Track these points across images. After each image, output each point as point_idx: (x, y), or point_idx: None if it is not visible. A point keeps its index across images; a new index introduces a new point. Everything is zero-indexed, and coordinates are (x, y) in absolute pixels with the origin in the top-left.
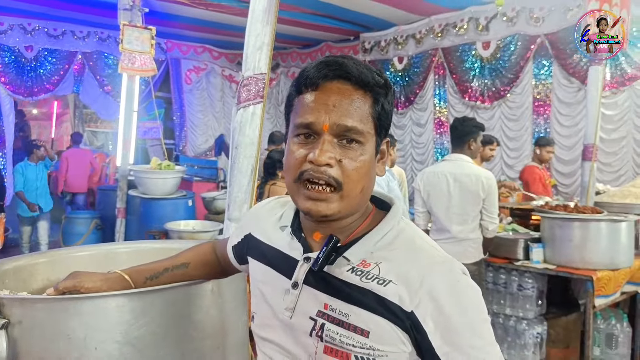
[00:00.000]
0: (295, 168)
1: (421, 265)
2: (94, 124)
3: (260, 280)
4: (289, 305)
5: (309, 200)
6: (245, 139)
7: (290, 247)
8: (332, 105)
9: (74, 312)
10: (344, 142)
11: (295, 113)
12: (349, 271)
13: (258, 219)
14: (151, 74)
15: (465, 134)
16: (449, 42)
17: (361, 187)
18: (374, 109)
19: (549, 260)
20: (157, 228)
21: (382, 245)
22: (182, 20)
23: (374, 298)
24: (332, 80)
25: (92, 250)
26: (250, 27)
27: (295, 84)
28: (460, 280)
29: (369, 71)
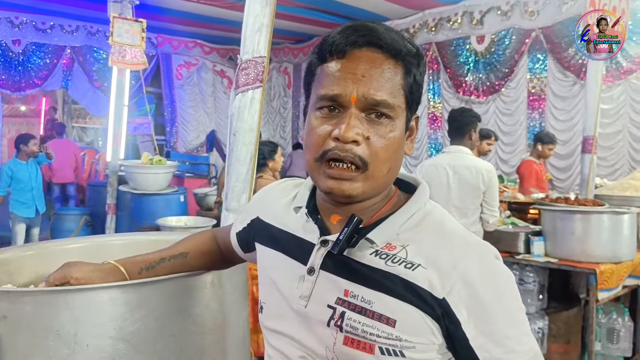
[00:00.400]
0: (317, 146)
1: (453, 248)
2: (82, 119)
3: (270, 266)
4: (303, 292)
5: (331, 179)
6: (244, 125)
7: (305, 229)
8: (361, 76)
9: (63, 305)
10: (372, 117)
11: (319, 83)
12: (372, 254)
13: (268, 201)
14: (142, 67)
15: (465, 125)
16: (443, 37)
17: (388, 168)
18: (405, 81)
19: (550, 253)
20: (148, 224)
21: (409, 226)
22: (173, 14)
23: (401, 283)
24: (361, 47)
25: (83, 243)
26: (249, 7)
27: (317, 51)
28: (495, 264)
29: (401, 38)
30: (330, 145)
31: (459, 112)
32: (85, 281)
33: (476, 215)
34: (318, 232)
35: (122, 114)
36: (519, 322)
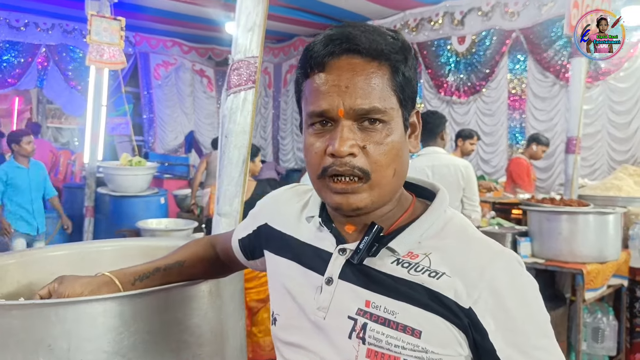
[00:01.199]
0: (316, 164)
1: (479, 256)
2: (58, 120)
3: (283, 275)
4: (322, 304)
5: (337, 194)
6: (237, 127)
7: (319, 238)
8: (345, 87)
9: (55, 319)
10: (365, 125)
11: (306, 100)
12: (393, 263)
13: (277, 207)
14: (120, 66)
15: (437, 126)
16: (424, 37)
17: (393, 171)
18: (394, 81)
19: (537, 254)
20: (127, 227)
21: (431, 234)
22: (151, 13)
23: (426, 292)
24: (339, 56)
25: (70, 250)
26: (241, 5)
27: (300, 65)
28: (521, 273)
29: (381, 36)
30: (328, 162)
31: (428, 115)
32: (75, 296)
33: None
34: (334, 240)
35: (100, 114)
36: (547, 333)
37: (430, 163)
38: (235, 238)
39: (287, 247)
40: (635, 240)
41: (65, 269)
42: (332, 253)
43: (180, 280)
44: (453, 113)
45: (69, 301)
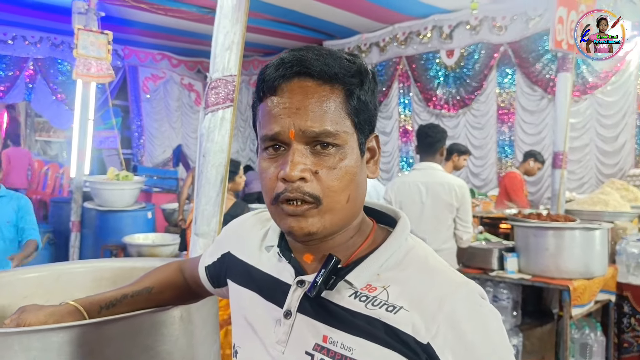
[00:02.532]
0: (270, 190)
1: (438, 288)
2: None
3: (244, 307)
4: (281, 337)
5: (289, 217)
6: (214, 146)
7: (279, 269)
8: (296, 109)
9: (18, 348)
10: (318, 149)
11: (259, 124)
12: (351, 297)
13: (239, 235)
14: (108, 80)
15: (438, 141)
16: (413, 50)
17: (347, 197)
18: (347, 104)
19: (524, 270)
20: (114, 242)
21: (390, 265)
22: (139, 26)
23: (383, 328)
24: (291, 79)
25: (42, 272)
26: (219, 24)
27: (255, 89)
28: (482, 304)
29: (336, 60)
30: (280, 188)
31: (429, 128)
32: (42, 324)
33: (450, 231)
34: (293, 271)
35: (87, 128)
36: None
37: (424, 179)
38: (201, 265)
39: (249, 278)
40: (622, 256)
41: (38, 291)
42: (291, 285)
43: (149, 306)
44: (442, 126)
45: (34, 329)
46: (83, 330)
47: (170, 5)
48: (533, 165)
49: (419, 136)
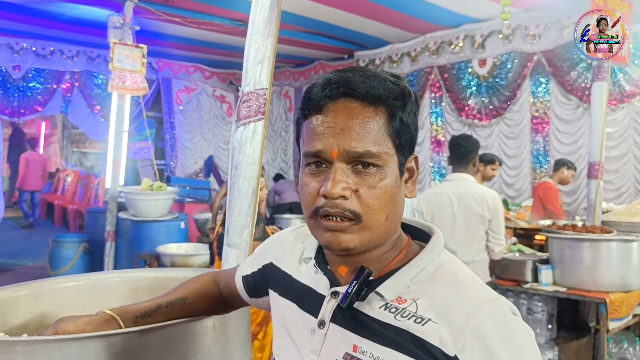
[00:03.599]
0: (309, 204)
1: (466, 303)
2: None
3: (284, 317)
4: (314, 347)
5: (328, 231)
6: (246, 159)
7: (315, 280)
8: (340, 129)
9: (58, 355)
10: (359, 168)
11: (303, 140)
12: (381, 308)
13: (282, 247)
14: (142, 93)
15: (471, 151)
16: (445, 60)
17: (385, 216)
18: (390, 126)
19: (559, 282)
20: (148, 252)
21: (421, 279)
22: (173, 39)
23: (411, 339)
24: (336, 99)
25: (79, 281)
26: (250, 39)
27: (300, 106)
28: (511, 320)
29: (380, 82)
30: (320, 202)
31: (462, 139)
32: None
33: (482, 243)
34: (328, 282)
35: (122, 140)
36: None
37: (456, 190)
38: (239, 275)
39: (289, 288)
40: None
41: (76, 300)
42: (326, 296)
43: (183, 316)
44: (475, 136)
45: (73, 337)
46: (120, 338)
47: (203, 19)
48: (567, 173)
49: (451, 147)
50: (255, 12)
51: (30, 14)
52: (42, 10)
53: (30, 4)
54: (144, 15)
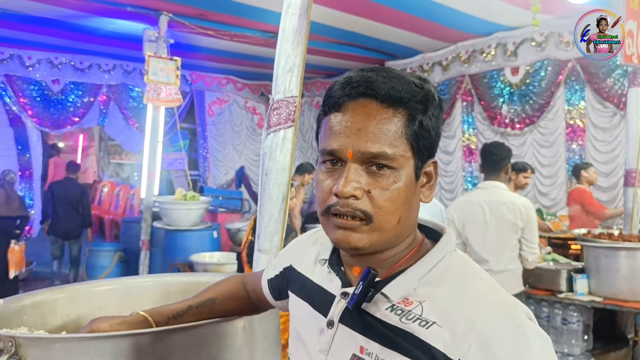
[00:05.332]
0: (322, 201)
1: (472, 306)
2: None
3: (296, 317)
4: (323, 346)
5: (338, 229)
6: (276, 165)
7: (328, 280)
8: (356, 129)
9: (94, 353)
10: (373, 169)
11: (321, 137)
12: (387, 309)
13: (302, 250)
14: (176, 104)
15: (503, 159)
16: (477, 69)
17: (397, 218)
18: (408, 129)
19: (595, 292)
20: (181, 260)
21: (428, 280)
22: (206, 52)
23: (415, 342)
24: (356, 99)
25: (114, 285)
26: (280, 48)
27: (322, 103)
28: (521, 325)
29: (403, 84)
30: (332, 201)
31: (494, 147)
32: (115, 331)
33: (515, 252)
34: (340, 283)
35: (157, 151)
36: None
37: (488, 199)
38: (264, 278)
39: (303, 288)
40: None
41: (111, 303)
42: (336, 296)
43: (212, 317)
44: (508, 145)
45: (108, 335)
46: (152, 337)
47: (235, 31)
48: (591, 173)
49: (483, 154)
50: (285, 21)
51: (69, 29)
52: (80, 25)
53: (69, 20)
54: (178, 28)
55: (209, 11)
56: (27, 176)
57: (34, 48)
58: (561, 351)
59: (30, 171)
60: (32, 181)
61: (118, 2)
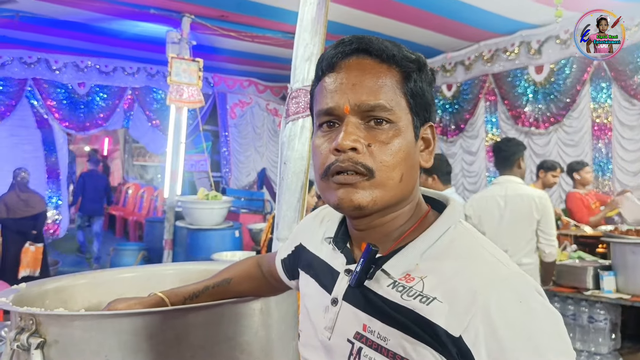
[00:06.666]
0: (321, 164)
1: (475, 279)
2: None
3: (305, 294)
4: (328, 324)
5: (339, 188)
6: (295, 154)
7: (334, 257)
8: (352, 84)
9: (111, 331)
10: (372, 124)
11: (315, 102)
12: (389, 286)
13: (309, 227)
14: (198, 105)
15: (512, 154)
16: (500, 68)
17: (399, 175)
18: (404, 85)
19: (622, 289)
20: (203, 259)
21: (432, 254)
22: (228, 54)
23: (415, 319)
24: (349, 56)
25: (135, 272)
26: (299, 37)
27: (315, 70)
28: (527, 300)
29: (395, 46)
30: (331, 159)
31: (503, 143)
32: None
33: (531, 245)
34: (344, 260)
35: (179, 151)
36: None
37: (503, 193)
38: (278, 258)
39: (311, 265)
40: None
41: (131, 290)
42: (340, 273)
43: (229, 297)
44: (532, 144)
45: (126, 313)
46: (170, 315)
47: (257, 32)
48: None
49: (494, 152)
50: (303, 11)
51: (94, 32)
52: (105, 28)
53: (94, 23)
54: (200, 30)
55: (231, 12)
56: (54, 177)
57: (61, 52)
58: (588, 350)
59: (57, 172)
60: (59, 182)
61: (142, 4)
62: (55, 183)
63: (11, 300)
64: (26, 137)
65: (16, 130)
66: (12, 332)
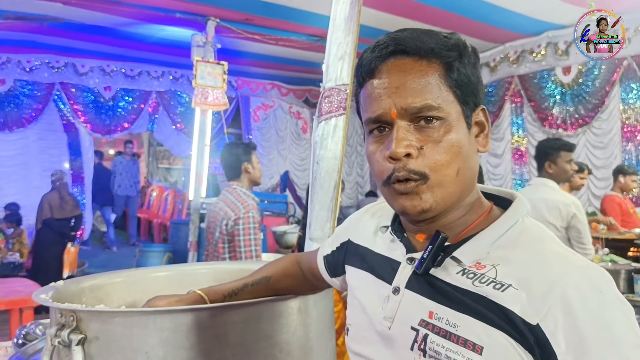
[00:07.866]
0: (380, 173)
1: (551, 269)
2: (167, 160)
3: (357, 287)
4: (388, 313)
5: (401, 196)
6: (328, 153)
7: (392, 249)
8: (395, 88)
9: (153, 327)
10: (422, 124)
11: (362, 109)
12: (458, 274)
13: (360, 223)
14: (223, 108)
15: (541, 157)
16: (526, 69)
17: (455, 170)
18: (448, 77)
19: None
20: None
21: (501, 244)
22: (252, 57)
23: (490, 306)
24: (386, 59)
25: (169, 271)
26: (332, 36)
27: (355, 78)
28: (605, 291)
29: (431, 37)
30: (389, 169)
31: (539, 143)
32: None
33: None
34: (404, 250)
35: (204, 153)
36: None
37: (530, 195)
38: (320, 255)
39: (363, 259)
40: None
41: (166, 289)
42: (401, 262)
43: (268, 295)
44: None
45: (167, 310)
46: (210, 313)
47: (281, 35)
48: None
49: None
50: (336, 10)
51: (120, 37)
52: (131, 33)
53: (121, 27)
54: (225, 34)
55: (255, 16)
56: (79, 181)
57: (87, 56)
58: None
59: (82, 175)
60: (84, 185)
61: (168, 8)
62: (80, 186)
63: (50, 297)
64: (53, 140)
65: (44, 134)
66: (52, 328)
